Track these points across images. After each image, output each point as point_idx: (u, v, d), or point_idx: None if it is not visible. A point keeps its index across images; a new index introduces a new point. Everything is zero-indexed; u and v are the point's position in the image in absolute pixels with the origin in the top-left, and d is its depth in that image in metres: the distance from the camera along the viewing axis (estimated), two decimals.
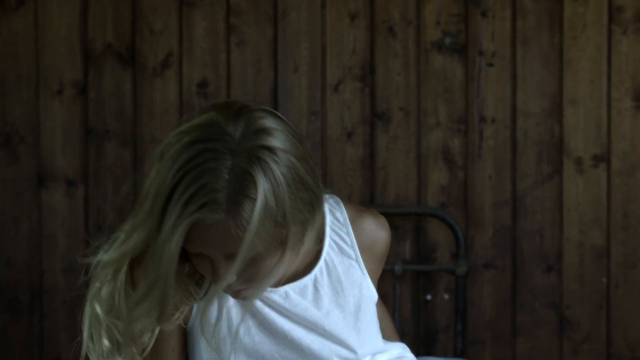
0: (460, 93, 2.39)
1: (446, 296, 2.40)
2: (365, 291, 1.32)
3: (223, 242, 1.12)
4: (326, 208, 1.31)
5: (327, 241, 1.31)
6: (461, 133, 2.39)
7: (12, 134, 2.42)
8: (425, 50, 2.39)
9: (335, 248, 1.32)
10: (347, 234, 1.31)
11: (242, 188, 1.09)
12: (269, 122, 1.14)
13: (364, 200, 2.38)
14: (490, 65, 2.38)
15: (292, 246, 1.16)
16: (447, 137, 2.39)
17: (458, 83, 2.39)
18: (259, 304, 1.27)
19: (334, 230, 1.31)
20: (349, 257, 1.31)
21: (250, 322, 1.27)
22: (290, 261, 1.19)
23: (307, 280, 1.29)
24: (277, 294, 1.28)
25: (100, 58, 2.41)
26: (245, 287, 1.18)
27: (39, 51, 2.41)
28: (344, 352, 1.29)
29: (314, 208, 1.18)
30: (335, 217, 1.31)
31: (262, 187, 1.10)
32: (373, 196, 2.39)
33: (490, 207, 2.38)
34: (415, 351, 1.39)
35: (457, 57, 2.39)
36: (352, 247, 1.31)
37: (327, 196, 1.33)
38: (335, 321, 1.29)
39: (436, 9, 2.38)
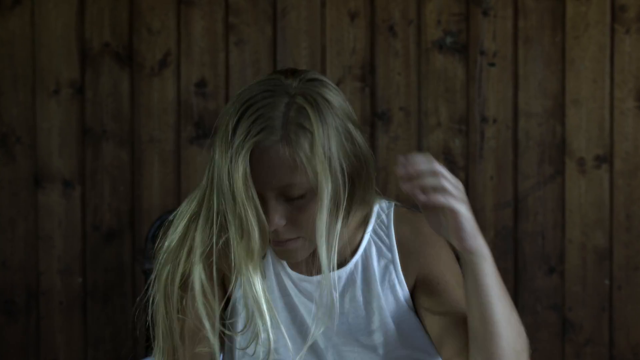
0: (461, 93, 2.39)
1: None
2: (398, 294, 1.32)
3: (277, 170, 1.19)
4: (376, 208, 1.33)
5: (367, 238, 1.32)
6: (462, 133, 2.39)
7: (9, 135, 2.42)
8: (426, 49, 2.39)
9: (374, 248, 1.32)
10: (388, 235, 1.32)
11: (297, 119, 1.20)
12: (326, 83, 1.28)
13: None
14: (492, 65, 2.38)
15: (335, 199, 1.21)
16: (448, 138, 2.39)
17: (459, 83, 2.39)
18: (289, 284, 1.30)
19: (375, 232, 1.32)
20: (386, 258, 1.31)
21: (279, 303, 1.30)
22: (331, 226, 1.22)
23: (342, 272, 1.30)
24: (311, 282, 1.30)
25: (97, 58, 2.41)
26: (294, 237, 1.23)
27: (36, 51, 2.41)
28: (366, 351, 1.30)
29: (361, 172, 1.25)
30: (381, 219, 1.33)
31: (316, 122, 1.20)
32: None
33: (492, 208, 2.38)
34: None
35: (458, 56, 2.39)
36: (390, 248, 1.31)
37: (382, 200, 1.35)
38: (359, 317, 1.30)
39: (437, 8, 2.38)
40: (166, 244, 1.29)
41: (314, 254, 1.29)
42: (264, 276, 1.26)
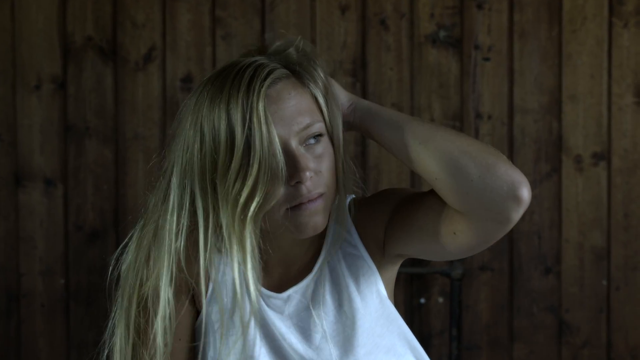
0: (455, 88, 2.39)
1: (441, 300, 2.40)
2: (374, 286, 1.31)
3: (298, 106, 1.20)
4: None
5: (329, 239, 1.31)
6: (456, 130, 2.38)
7: None
8: (419, 44, 2.39)
9: (337, 246, 1.32)
10: (348, 231, 1.33)
11: (295, 58, 1.24)
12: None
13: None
14: (487, 59, 2.38)
15: (337, 148, 1.24)
16: None
17: (453, 78, 2.39)
18: (259, 299, 1.29)
19: (338, 232, 1.32)
20: (351, 254, 1.31)
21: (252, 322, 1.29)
22: (334, 176, 1.23)
23: (308, 279, 1.30)
24: (280, 299, 1.29)
25: (80, 52, 2.40)
26: (320, 192, 1.22)
27: (16, 45, 2.40)
28: (344, 355, 1.29)
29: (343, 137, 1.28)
30: (338, 215, 1.33)
31: (311, 61, 1.25)
32: (365, 196, 2.39)
33: None
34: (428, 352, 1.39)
35: (452, 51, 2.38)
36: (353, 244, 1.32)
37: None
38: (332, 322, 1.29)
39: (430, 1, 2.38)
40: (125, 266, 1.27)
41: (288, 269, 1.28)
42: (256, 261, 1.24)
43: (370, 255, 1.31)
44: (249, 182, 1.18)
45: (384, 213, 1.30)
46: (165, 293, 1.23)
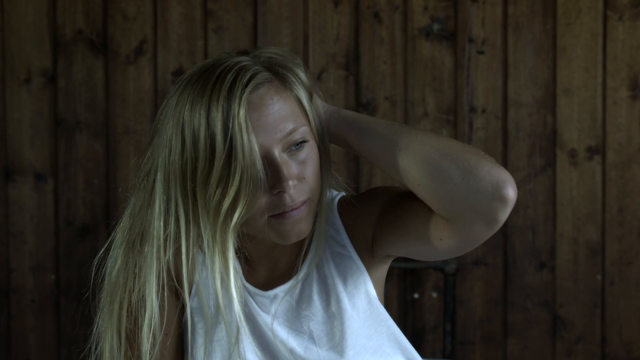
0: (449, 82, 2.38)
1: (434, 295, 2.40)
2: (365, 286, 1.31)
3: (282, 111, 1.17)
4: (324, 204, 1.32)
5: (316, 238, 1.31)
6: (450, 124, 2.39)
7: None
8: (413, 37, 2.38)
9: (325, 245, 1.31)
10: (337, 229, 1.31)
11: (276, 61, 1.21)
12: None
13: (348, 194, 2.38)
14: (481, 52, 2.38)
15: (323, 148, 1.23)
16: (435, 128, 2.39)
17: (447, 72, 2.39)
18: (246, 295, 1.28)
19: (326, 231, 1.31)
20: (341, 254, 1.31)
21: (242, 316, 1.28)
22: (319, 180, 1.22)
23: (295, 280, 1.29)
24: (266, 297, 1.28)
25: (70, 45, 2.40)
26: (304, 199, 1.20)
27: (5, 38, 2.39)
28: (332, 356, 1.28)
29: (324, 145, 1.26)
30: (326, 214, 1.32)
31: (291, 63, 1.23)
32: (358, 190, 2.39)
33: None
34: (419, 351, 1.38)
35: (446, 44, 2.38)
36: (342, 242, 1.31)
37: (331, 190, 1.34)
38: (319, 322, 1.29)
39: None
40: (109, 270, 1.26)
41: (273, 270, 1.28)
42: (237, 271, 1.24)
43: (359, 255, 1.30)
44: (231, 192, 1.16)
45: (372, 213, 1.28)
46: (152, 300, 1.22)
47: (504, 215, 1.14)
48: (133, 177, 1.27)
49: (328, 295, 1.29)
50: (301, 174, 1.20)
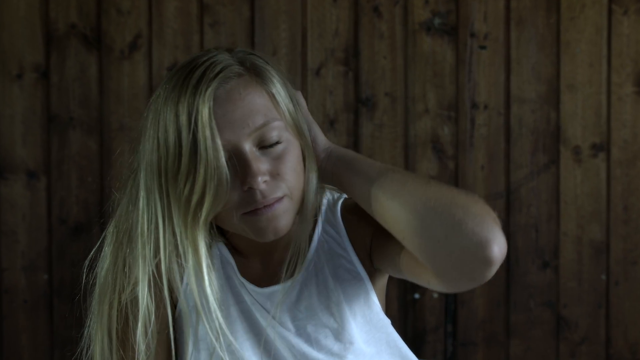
0: (450, 78, 2.38)
1: (435, 295, 2.40)
2: (359, 291, 1.30)
3: (251, 106, 1.18)
4: (324, 203, 1.31)
5: (317, 238, 1.30)
6: (451, 120, 2.38)
7: None
8: (413, 31, 2.38)
9: (326, 246, 1.30)
10: (338, 231, 1.30)
11: (250, 59, 1.22)
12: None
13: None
14: (483, 47, 2.38)
15: (305, 144, 1.22)
16: (436, 125, 2.38)
17: (448, 67, 2.38)
18: (243, 290, 1.27)
19: (325, 230, 1.30)
20: (341, 256, 1.29)
21: (234, 310, 1.28)
22: (299, 176, 1.21)
23: (294, 281, 1.28)
24: (262, 294, 1.27)
25: (63, 40, 2.39)
26: (280, 196, 1.19)
27: None
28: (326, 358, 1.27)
29: (307, 136, 1.25)
30: (328, 215, 1.31)
31: (268, 62, 1.22)
32: None
33: (483, 200, 2.37)
34: (416, 353, 1.37)
35: (447, 39, 2.38)
36: (342, 244, 1.30)
37: (330, 192, 1.33)
38: (317, 325, 1.28)
39: None
40: (100, 271, 1.26)
41: (267, 265, 1.27)
42: (211, 267, 1.23)
43: (360, 260, 1.29)
44: (197, 188, 1.16)
45: (372, 225, 1.26)
46: (144, 298, 1.22)
47: (489, 274, 1.11)
48: (122, 174, 1.28)
49: (327, 299, 1.28)
50: (275, 170, 1.19)
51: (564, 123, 2.38)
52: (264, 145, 1.19)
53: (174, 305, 1.28)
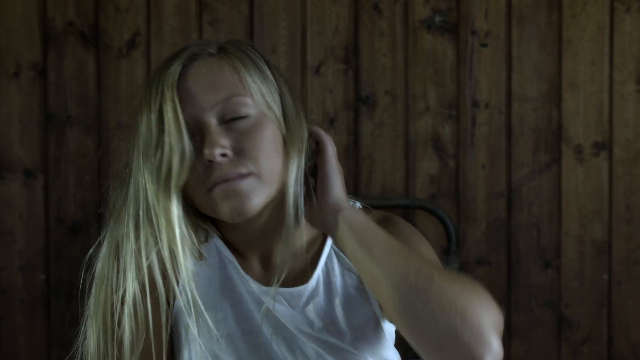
0: (451, 76, 2.38)
1: None
2: (367, 308, 1.28)
3: (216, 80, 1.19)
4: None
5: (328, 249, 1.28)
6: (452, 119, 2.38)
7: None
8: (414, 29, 2.38)
9: (336, 259, 1.28)
10: None
11: (233, 44, 1.25)
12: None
13: (347, 192, 2.37)
14: (484, 45, 2.38)
15: (289, 137, 1.22)
16: (437, 124, 2.38)
17: (449, 65, 2.38)
18: (242, 289, 1.26)
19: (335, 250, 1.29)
20: (350, 270, 1.27)
21: (229, 313, 1.26)
22: (271, 158, 1.20)
23: (302, 289, 1.26)
24: (265, 294, 1.25)
25: (60, 37, 2.39)
26: (244, 172, 1.19)
27: None
28: None
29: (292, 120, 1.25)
30: None
31: (246, 47, 1.25)
32: (357, 187, 2.38)
33: (484, 199, 2.38)
34: (403, 355, 1.35)
35: (448, 36, 2.38)
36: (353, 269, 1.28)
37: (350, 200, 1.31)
38: (318, 341, 1.26)
39: None
40: (98, 265, 1.26)
41: (267, 265, 1.26)
42: (186, 239, 1.22)
43: None
44: (164, 159, 1.18)
45: None
46: (134, 296, 1.22)
47: None
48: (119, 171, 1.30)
49: (332, 310, 1.26)
50: (239, 145, 1.19)
51: (565, 121, 2.38)
52: (228, 119, 1.20)
53: (171, 305, 1.27)
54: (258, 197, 1.20)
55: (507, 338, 2.40)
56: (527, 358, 2.41)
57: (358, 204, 1.33)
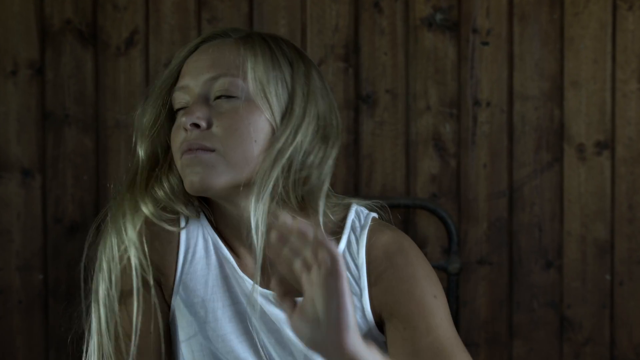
0: (452, 74, 2.38)
1: None
2: (363, 323, 1.26)
3: (216, 58, 1.24)
4: (351, 217, 1.28)
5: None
6: (453, 118, 2.38)
7: None
8: (415, 27, 2.37)
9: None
10: (357, 256, 1.27)
11: (260, 36, 1.28)
12: None
13: (347, 191, 2.38)
14: (485, 43, 2.38)
15: (269, 112, 1.23)
16: (438, 123, 2.38)
17: (450, 63, 2.38)
18: (239, 290, 1.26)
19: (346, 249, 1.27)
20: (352, 285, 1.26)
21: (227, 312, 1.27)
22: (242, 141, 1.21)
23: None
24: (260, 295, 1.25)
25: (58, 35, 2.38)
26: (208, 147, 1.22)
27: None
28: None
29: (319, 143, 1.26)
30: (354, 231, 1.28)
31: (274, 41, 1.28)
32: (357, 187, 2.38)
33: (485, 199, 2.37)
34: None
35: (449, 35, 2.37)
36: (358, 274, 1.26)
37: (359, 205, 1.30)
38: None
39: None
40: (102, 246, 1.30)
41: (263, 262, 1.26)
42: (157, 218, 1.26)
43: (371, 308, 1.26)
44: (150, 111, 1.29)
45: (393, 294, 1.24)
46: (116, 286, 1.26)
47: None
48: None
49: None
50: (211, 121, 1.22)
51: (567, 120, 2.38)
52: (215, 96, 1.24)
53: (168, 304, 1.28)
54: (219, 176, 1.22)
55: (509, 339, 2.40)
56: (528, 359, 2.41)
57: (373, 214, 1.31)
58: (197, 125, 1.22)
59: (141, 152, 1.28)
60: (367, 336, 1.25)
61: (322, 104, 1.29)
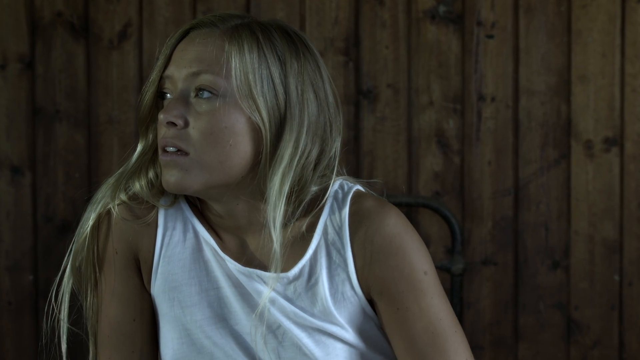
0: (456, 68, 2.38)
1: None
2: (352, 304, 1.27)
3: (200, 50, 1.24)
4: (331, 192, 1.29)
5: (318, 236, 1.27)
6: (457, 113, 2.38)
7: None
8: (417, 20, 2.38)
9: (324, 250, 1.27)
10: (341, 233, 1.27)
11: (251, 26, 1.26)
12: None
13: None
14: (490, 37, 2.38)
15: (255, 113, 1.23)
16: (441, 118, 2.38)
17: (454, 57, 2.38)
18: (236, 272, 1.27)
19: (326, 228, 1.27)
20: (338, 263, 1.26)
21: (233, 291, 1.28)
22: (214, 147, 1.22)
23: (284, 276, 1.26)
24: (243, 273, 1.26)
25: (49, 28, 2.39)
26: (183, 148, 1.23)
27: None
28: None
29: (319, 140, 1.27)
30: (334, 208, 1.29)
31: (267, 34, 1.25)
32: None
33: (490, 197, 2.38)
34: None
35: (453, 27, 2.38)
36: (343, 252, 1.26)
37: (342, 179, 1.32)
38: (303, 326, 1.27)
39: None
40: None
41: (242, 244, 1.28)
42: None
43: (359, 281, 1.26)
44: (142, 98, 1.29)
45: (380, 279, 1.25)
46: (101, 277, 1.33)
47: None
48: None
49: (315, 303, 1.25)
50: (187, 120, 1.23)
51: (575, 116, 2.38)
52: (194, 93, 1.24)
53: (148, 291, 1.32)
54: (193, 179, 1.23)
55: (514, 341, 2.40)
56: None
57: (357, 187, 1.33)
58: (173, 124, 1.22)
59: (140, 138, 1.31)
60: (361, 315, 1.27)
61: (321, 102, 1.29)
